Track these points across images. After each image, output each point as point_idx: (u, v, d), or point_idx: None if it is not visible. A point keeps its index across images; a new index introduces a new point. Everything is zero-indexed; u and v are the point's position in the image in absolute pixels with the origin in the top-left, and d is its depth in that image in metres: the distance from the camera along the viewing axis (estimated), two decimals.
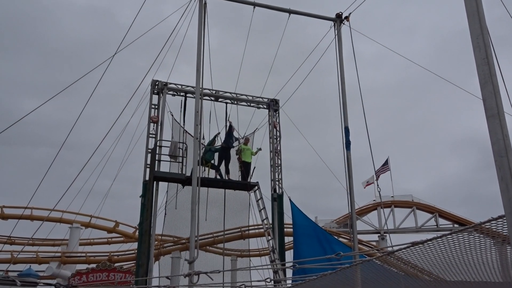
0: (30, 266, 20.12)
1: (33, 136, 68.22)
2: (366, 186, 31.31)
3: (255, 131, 15.86)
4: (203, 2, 11.27)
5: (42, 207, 22.74)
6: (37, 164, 61.25)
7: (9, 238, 22.24)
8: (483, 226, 3.28)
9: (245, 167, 14.46)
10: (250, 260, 21.50)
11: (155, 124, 13.94)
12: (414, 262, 4.23)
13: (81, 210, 21.08)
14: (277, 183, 15.13)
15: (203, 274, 8.22)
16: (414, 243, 3.73)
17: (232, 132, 14.97)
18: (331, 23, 12.48)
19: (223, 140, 14.67)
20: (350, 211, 11.60)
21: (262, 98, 15.91)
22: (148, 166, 13.41)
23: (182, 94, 14.86)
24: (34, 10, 73.64)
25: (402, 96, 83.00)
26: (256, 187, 14.14)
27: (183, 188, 14.12)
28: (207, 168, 14.09)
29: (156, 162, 13.37)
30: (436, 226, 33.63)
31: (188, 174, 13.14)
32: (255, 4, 12.22)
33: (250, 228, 19.85)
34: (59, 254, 23.41)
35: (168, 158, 13.67)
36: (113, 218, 27.13)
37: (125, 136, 13.74)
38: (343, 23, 12.30)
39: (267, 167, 15.38)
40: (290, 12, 12.51)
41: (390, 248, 4.47)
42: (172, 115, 14.69)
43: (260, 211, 13.81)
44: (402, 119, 78.38)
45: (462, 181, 68.32)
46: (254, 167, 14.76)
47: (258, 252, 20.46)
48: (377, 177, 25.71)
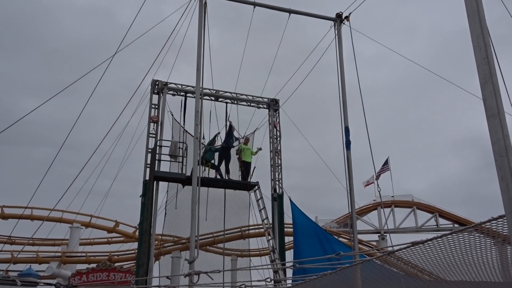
0: (30, 266, 20.11)
1: (33, 136, 68.27)
2: (366, 185, 31.32)
3: (255, 131, 15.88)
4: (203, 2, 11.27)
5: (42, 207, 22.82)
6: (37, 164, 61.29)
7: (9, 238, 22.22)
8: (483, 226, 3.28)
9: (245, 167, 14.47)
10: (250, 260, 21.46)
11: (155, 124, 13.94)
12: (414, 262, 4.22)
13: (81, 210, 21.19)
14: (277, 183, 15.12)
15: (203, 274, 8.23)
16: (414, 243, 3.73)
17: (232, 132, 14.98)
18: (331, 23, 12.48)
19: (223, 140, 14.68)
20: (350, 211, 11.60)
21: (262, 98, 15.91)
22: (148, 166, 13.41)
23: (182, 94, 14.86)
24: (34, 10, 73.72)
25: (402, 96, 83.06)
26: (256, 187, 14.14)
27: (183, 188, 14.12)
28: (207, 168, 14.09)
29: (156, 162, 13.37)
30: (436, 226, 33.60)
31: (188, 174, 13.13)
32: (255, 4, 12.21)
33: (250, 228, 19.86)
34: (59, 254, 23.41)
35: (168, 158, 13.67)
36: (113, 218, 27.18)
37: (125, 136, 13.77)
38: (343, 23, 12.30)
39: (267, 167, 15.41)
40: (290, 12, 12.51)
41: (390, 248, 4.47)
42: (172, 115, 14.70)
43: (260, 211, 13.81)
44: (402, 119, 78.43)
45: (462, 181, 68.37)
46: (254, 167, 14.78)
47: (258, 252, 20.43)
48: (377, 177, 25.71)
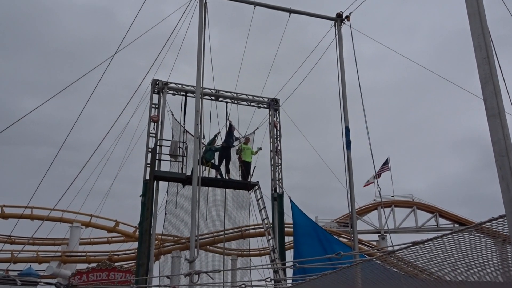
0: (31, 265, 20.12)
1: (33, 136, 68.28)
2: (365, 185, 31.31)
3: (255, 131, 15.87)
4: (204, 1, 11.26)
5: (42, 206, 22.89)
6: (37, 163, 61.32)
7: (9, 237, 22.20)
8: (483, 226, 3.28)
9: (245, 167, 14.46)
10: (250, 259, 21.48)
11: (156, 123, 13.94)
12: (414, 262, 4.22)
13: (81, 209, 21.23)
14: (277, 182, 15.11)
15: (203, 274, 8.23)
16: (415, 243, 3.73)
17: (233, 131, 14.98)
18: (332, 23, 12.48)
19: (223, 139, 14.67)
20: (350, 210, 11.60)
21: (262, 97, 15.90)
22: (149, 166, 13.40)
23: (182, 93, 14.85)
24: (34, 10, 73.74)
25: (402, 95, 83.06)
26: (256, 187, 14.13)
27: (184, 187, 14.12)
28: (207, 168, 14.09)
29: (157, 161, 13.36)
30: (436, 226, 33.62)
31: (189, 173, 13.13)
32: (255, 4, 12.21)
33: (250, 227, 19.86)
34: (60, 254, 23.44)
35: (168, 158, 13.66)
36: (113, 217, 27.21)
37: (125, 136, 13.77)
38: (344, 23, 12.30)
39: (267, 166, 15.39)
40: (291, 11, 12.50)
41: (390, 248, 4.47)
42: (173, 115, 14.70)
43: (260, 210, 13.80)
44: (402, 119, 78.41)
45: (462, 181, 68.33)
46: (255, 167, 14.78)
47: (258, 252, 20.46)
48: (377, 176, 25.69)
